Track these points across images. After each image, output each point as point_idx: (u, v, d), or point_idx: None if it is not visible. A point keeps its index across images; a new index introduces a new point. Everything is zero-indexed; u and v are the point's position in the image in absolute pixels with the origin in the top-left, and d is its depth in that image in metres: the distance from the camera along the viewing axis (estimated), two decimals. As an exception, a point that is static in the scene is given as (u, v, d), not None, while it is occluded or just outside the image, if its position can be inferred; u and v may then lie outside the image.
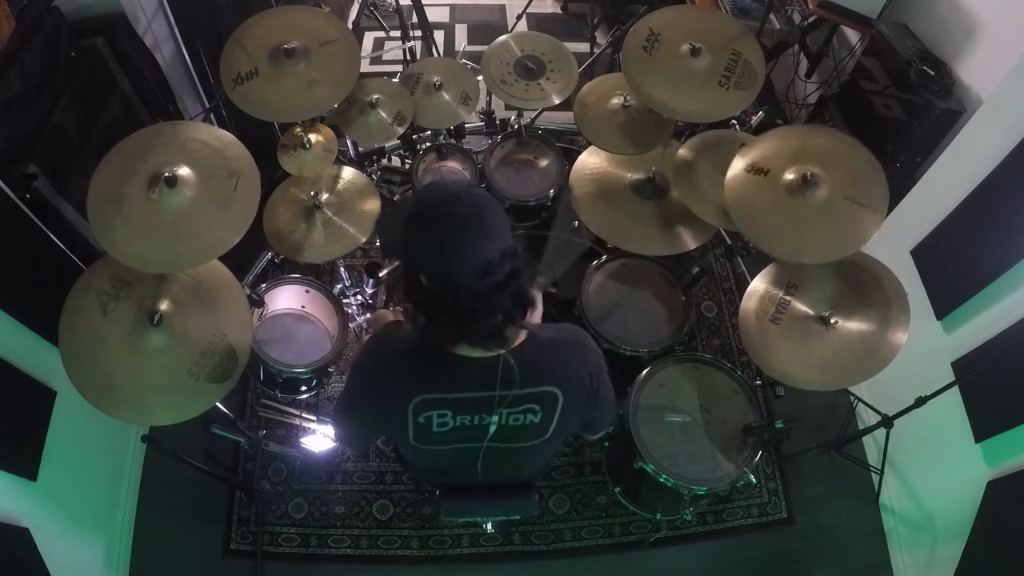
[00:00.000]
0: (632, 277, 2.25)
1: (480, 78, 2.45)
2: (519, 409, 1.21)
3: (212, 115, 2.69)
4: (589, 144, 2.34)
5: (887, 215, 1.75)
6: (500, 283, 1.04)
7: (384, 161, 2.84)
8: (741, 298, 1.94)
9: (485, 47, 2.50)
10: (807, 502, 2.42)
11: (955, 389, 1.94)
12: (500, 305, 1.06)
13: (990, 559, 1.86)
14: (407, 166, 2.81)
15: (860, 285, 1.86)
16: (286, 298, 2.21)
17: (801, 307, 1.87)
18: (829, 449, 2.42)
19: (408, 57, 3.08)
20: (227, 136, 1.69)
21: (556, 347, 1.23)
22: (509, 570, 2.28)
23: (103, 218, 1.54)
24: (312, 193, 2.08)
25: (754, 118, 2.28)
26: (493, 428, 1.23)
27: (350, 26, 3.66)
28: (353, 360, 1.32)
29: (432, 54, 3.15)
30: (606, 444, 2.27)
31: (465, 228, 1.02)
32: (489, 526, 1.86)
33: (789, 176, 1.79)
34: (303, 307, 2.22)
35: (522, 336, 1.18)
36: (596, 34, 3.66)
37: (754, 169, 1.84)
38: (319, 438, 2.35)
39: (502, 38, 2.52)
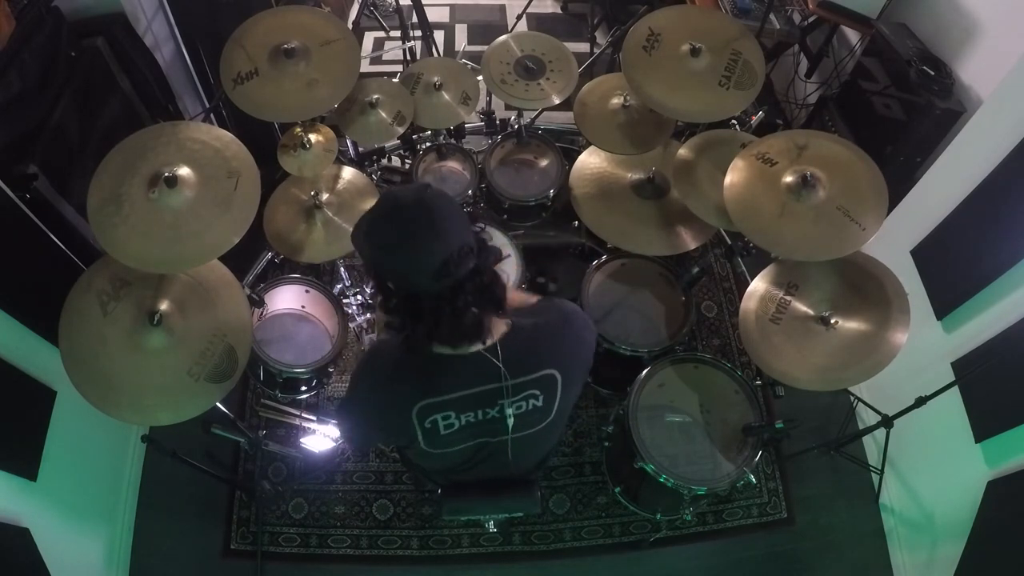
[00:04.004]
0: (632, 277, 2.25)
1: (480, 78, 2.45)
2: (520, 397, 1.22)
3: (212, 115, 2.69)
4: (589, 144, 2.34)
5: (887, 215, 1.76)
6: (461, 281, 1.05)
7: (384, 161, 2.83)
8: (741, 298, 1.94)
9: (485, 47, 2.50)
10: (807, 502, 2.42)
11: (955, 389, 1.94)
12: (466, 302, 1.07)
13: (990, 559, 1.86)
14: (407, 166, 2.81)
15: (860, 285, 1.87)
16: (286, 298, 2.21)
17: (801, 307, 1.87)
18: (829, 449, 2.42)
19: (408, 57, 3.08)
20: (227, 136, 1.69)
21: (544, 331, 1.23)
22: (509, 570, 2.28)
23: (103, 218, 1.54)
24: (312, 193, 2.08)
25: (754, 118, 2.28)
26: (511, 421, 1.24)
27: (350, 26, 3.66)
28: (353, 373, 1.32)
29: (432, 54, 3.15)
30: (606, 444, 2.27)
31: (414, 233, 1.03)
32: (491, 525, 1.85)
33: (790, 175, 1.80)
34: (303, 307, 2.22)
35: (504, 327, 1.18)
36: (596, 34, 3.66)
37: (763, 157, 1.86)
38: (319, 438, 2.35)
39: (502, 38, 2.51)
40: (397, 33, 3.18)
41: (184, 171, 1.59)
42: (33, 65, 1.90)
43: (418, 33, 3.09)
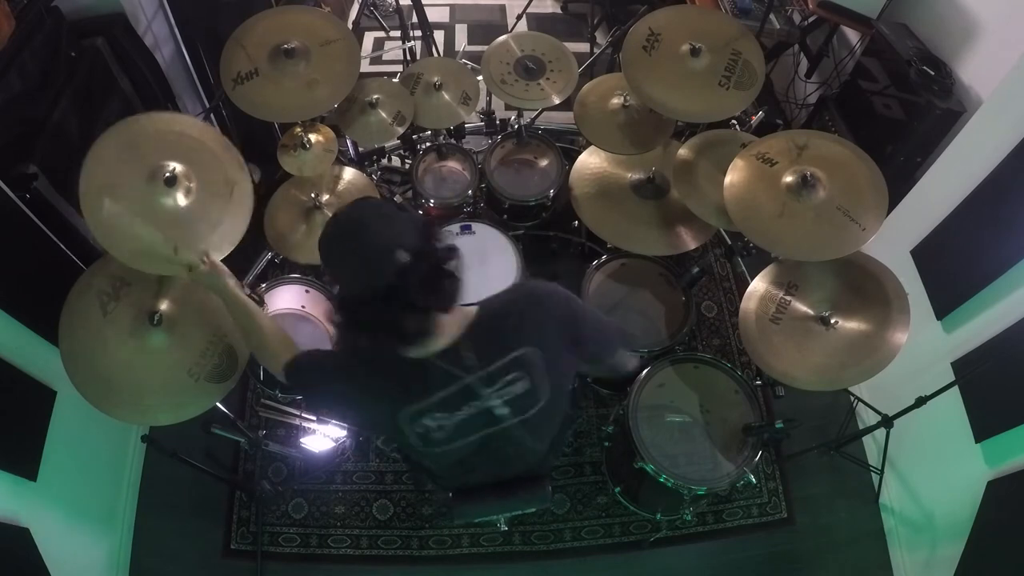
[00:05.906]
0: (632, 277, 2.25)
1: (480, 78, 2.45)
2: (502, 384, 1.20)
3: (212, 115, 2.68)
4: (589, 144, 2.34)
5: (887, 215, 1.76)
6: (395, 283, 1.05)
7: (384, 161, 2.84)
8: (741, 298, 1.94)
9: (485, 47, 2.50)
10: (807, 502, 2.42)
11: (955, 389, 1.93)
12: (406, 302, 1.06)
13: (990, 559, 1.86)
14: (407, 166, 2.81)
15: (860, 285, 1.87)
16: (286, 298, 2.20)
17: (801, 307, 1.87)
18: (829, 449, 2.42)
19: (408, 57, 3.08)
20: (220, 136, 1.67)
21: (512, 308, 1.23)
22: (509, 570, 2.28)
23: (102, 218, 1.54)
24: (312, 194, 2.08)
25: (754, 118, 2.28)
26: (503, 410, 1.22)
27: (350, 26, 3.65)
28: (330, 384, 1.29)
29: (432, 54, 3.15)
30: (606, 444, 2.27)
31: (339, 241, 1.12)
32: (502, 523, 1.84)
33: (790, 175, 1.80)
34: (303, 307, 2.22)
35: (467, 318, 1.18)
36: (596, 34, 3.66)
37: (763, 157, 1.86)
38: (319, 438, 2.35)
39: (502, 38, 2.52)
40: (397, 33, 3.18)
41: (182, 169, 1.58)
42: (33, 65, 1.90)
43: (418, 33, 3.09)
